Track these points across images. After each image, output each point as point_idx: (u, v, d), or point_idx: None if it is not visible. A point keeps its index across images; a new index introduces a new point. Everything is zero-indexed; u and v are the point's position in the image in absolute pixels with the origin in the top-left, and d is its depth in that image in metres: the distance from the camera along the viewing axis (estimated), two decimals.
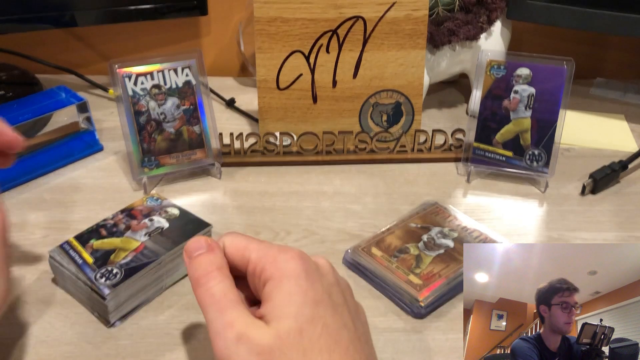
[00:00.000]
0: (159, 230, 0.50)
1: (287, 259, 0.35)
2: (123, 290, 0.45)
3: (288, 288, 0.34)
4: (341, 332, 0.34)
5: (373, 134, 0.68)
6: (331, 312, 0.34)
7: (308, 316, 0.33)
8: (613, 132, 0.77)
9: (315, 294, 0.34)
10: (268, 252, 0.36)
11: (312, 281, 0.35)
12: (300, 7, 0.64)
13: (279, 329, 0.33)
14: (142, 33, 0.90)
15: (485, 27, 0.72)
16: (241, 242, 0.37)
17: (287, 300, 0.34)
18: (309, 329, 0.33)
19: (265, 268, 0.35)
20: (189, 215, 0.52)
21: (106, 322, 0.46)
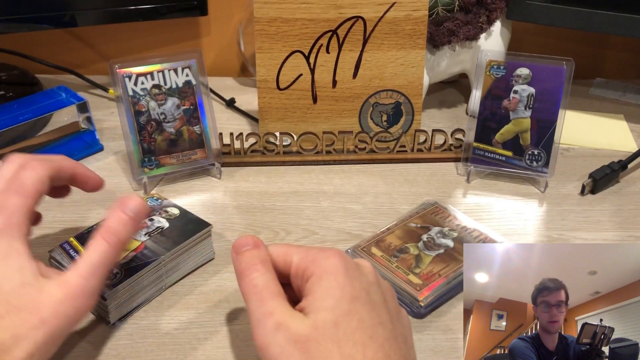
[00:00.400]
0: (159, 230, 0.50)
1: (327, 256, 0.37)
2: (123, 290, 0.45)
3: (327, 283, 0.36)
4: (377, 329, 0.35)
5: (373, 134, 0.68)
6: (368, 309, 0.35)
7: (344, 310, 0.34)
8: (613, 132, 0.77)
9: (353, 289, 0.36)
10: (308, 253, 0.38)
11: (350, 278, 0.36)
12: (300, 7, 0.64)
13: (316, 320, 0.34)
14: (142, 33, 0.90)
15: (485, 27, 0.73)
16: (282, 248, 0.40)
17: (326, 294, 0.35)
18: (344, 322, 0.34)
19: (307, 267, 0.37)
20: (189, 215, 0.52)
21: (106, 322, 0.46)
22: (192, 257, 0.51)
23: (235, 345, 0.45)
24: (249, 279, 0.37)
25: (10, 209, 0.39)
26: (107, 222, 0.41)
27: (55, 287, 0.38)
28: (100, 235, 0.40)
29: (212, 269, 0.52)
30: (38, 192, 0.42)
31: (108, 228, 0.40)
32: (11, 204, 0.40)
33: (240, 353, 0.45)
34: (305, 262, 0.38)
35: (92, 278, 0.39)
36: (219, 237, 0.56)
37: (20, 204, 0.40)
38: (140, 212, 0.42)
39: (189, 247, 0.50)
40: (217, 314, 0.48)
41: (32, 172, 0.42)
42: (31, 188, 0.41)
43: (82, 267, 0.39)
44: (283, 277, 0.39)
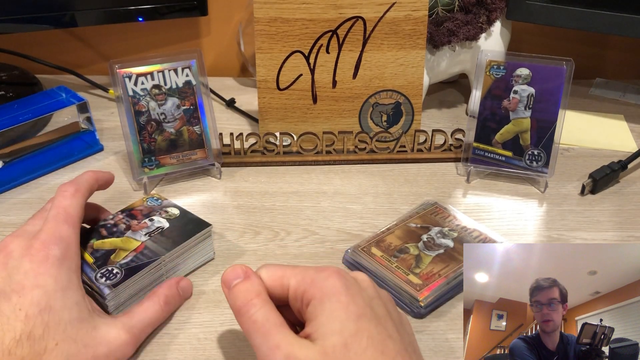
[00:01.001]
0: (159, 230, 0.50)
1: (325, 277, 0.36)
2: (123, 290, 0.45)
3: (330, 305, 0.35)
4: (387, 343, 0.34)
5: (373, 134, 0.68)
6: (375, 324, 0.35)
7: (352, 330, 0.34)
8: (612, 132, 0.77)
9: (357, 307, 0.35)
10: (306, 275, 0.37)
11: (352, 295, 0.35)
12: (300, 7, 0.64)
13: (324, 345, 0.33)
14: (142, 33, 0.90)
15: (485, 27, 0.73)
16: (277, 271, 0.38)
17: (330, 317, 0.34)
18: (354, 343, 0.33)
19: (306, 290, 0.36)
20: (189, 215, 0.52)
21: None
22: (192, 257, 0.51)
23: (235, 345, 0.45)
24: (248, 316, 0.36)
25: (66, 240, 0.42)
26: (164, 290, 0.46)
27: (110, 327, 0.41)
28: (157, 298, 0.45)
29: (212, 269, 0.52)
30: (80, 220, 0.45)
31: (165, 296, 0.46)
32: (66, 235, 0.42)
33: (240, 353, 0.45)
34: (303, 286, 0.37)
35: (142, 335, 0.44)
36: (219, 237, 0.56)
37: (74, 235, 0.43)
38: (187, 293, 0.49)
39: (189, 247, 0.50)
40: (217, 314, 0.48)
41: (73, 200, 0.45)
42: (77, 218, 0.44)
43: (139, 320, 0.43)
44: (281, 301, 0.38)
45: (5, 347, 0.37)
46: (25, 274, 0.40)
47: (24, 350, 0.37)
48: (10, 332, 0.37)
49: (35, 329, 0.38)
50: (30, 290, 0.39)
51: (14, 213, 0.59)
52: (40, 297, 0.39)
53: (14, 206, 0.60)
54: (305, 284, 0.36)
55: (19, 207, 0.60)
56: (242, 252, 0.55)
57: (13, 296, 0.39)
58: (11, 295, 0.39)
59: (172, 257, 0.49)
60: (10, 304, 0.38)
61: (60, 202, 0.44)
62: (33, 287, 0.39)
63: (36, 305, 0.39)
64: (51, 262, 0.40)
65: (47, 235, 0.42)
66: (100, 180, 0.49)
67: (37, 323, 0.38)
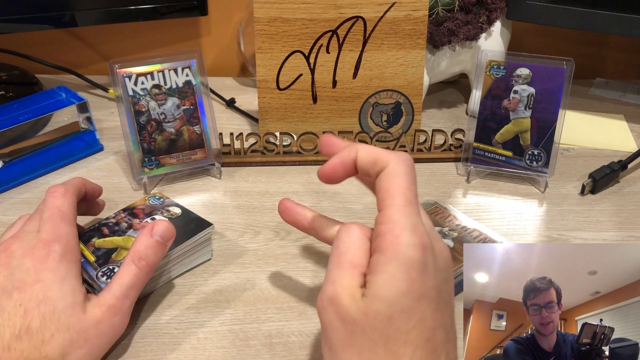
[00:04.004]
0: None
1: (410, 244, 0.33)
2: None
3: (395, 272, 0.33)
4: (436, 332, 0.33)
5: (373, 134, 0.68)
6: (433, 309, 0.33)
7: (405, 306, 0.32)
8: (613, 132, 0.77)
9: (422, 287, 0.33)
10: (400, 222, 0.34)
11: (424, 274, 0.33)
12: (300, 7, 0.64)
13: (369, 307, 0.32)
14: (142, 33, 0.91)
15: (485, 27, 0.73)
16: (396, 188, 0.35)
17: (389, 283, 0.32)
18: (400, 319, 0.32)
19: (385, 236, 0.34)
20: (190, 214, 0.52)
21: None
22: (192, 257, 0.51)
23: (235, 345, 0.45)
24: (337, 240, 0.36)
25: (65, 237, 0.43)
26: (136, 247, 0.44)
27: (94, 307, 0.41)
28: (130, 259, 0.44)
29: (212, 269, 0.52)
30: (75, 216, 0.46)
31: (137, 252, 0.44)
32: (64, 232, 0.43)
33: (240, 353, 0.45)
34: (387, 229, 0.34)
35: (125, 299, 0.43)
36: (219, 237, 0.56)
37: (72, 232, 0.44)
38: (167, 235, 0.45)
39: (190, 246, 0.50)
40: (217, 314, 0.48)
41: (65, 200, 0.45)
42: (72, 215, 0.45)
43: (115, 289, 0.42)
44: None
45: (6, 343, 0.38)
46: (27, 272, 0.41)
47: (22, 345, 0.38)
48: (10, 327, 0.38)
49: (32, 322, 0.39)
50: (30, 286, 0.40)
51: (14, 213, 0.59)
52: (39, 290, 0.40)
53: (13, 206, 0.60)
54: (390, 230, 0.34)
55: (18, 207, 0.60)
56: (242, 252, 0.55)
57: (14, 293, 0.40)
58: (12, 292, 0.40)
59: (172, 256, 0.49)
60: (12, 301, 0.39)
61: (53, 203, 0.45)
62: (34, 282, 0.40)
63: (35, 299, 0.39)
64: (52, 257, 0.41)
65: (47, 235, 0.43)
66: (87, 186, 0.50)
67: (34, 316, 0.39)
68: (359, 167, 0.38)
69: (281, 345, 0.45)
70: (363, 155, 0.38)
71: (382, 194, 0.36)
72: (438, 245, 0.36)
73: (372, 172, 0.37)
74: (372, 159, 0.37)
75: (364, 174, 0.38)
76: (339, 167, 0.38)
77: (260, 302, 0.49)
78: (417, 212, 0.35)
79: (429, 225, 0.37)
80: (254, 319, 0.47)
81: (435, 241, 0.36)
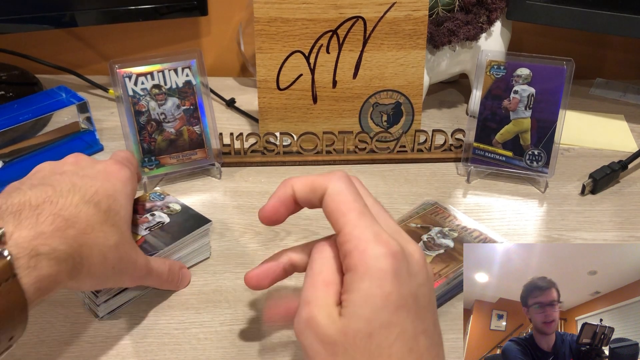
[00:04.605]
0: (160, 225, 0.50)
1: (378, 255, 0.32)
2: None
3: (369, 288, 0.32)
4: (418, 339, 0.32)
5: (373, 134, 0.68)
6: (412, 318, 0.32)
7: (384, 321, 0.32)
8: (613, 132, 0.77)
9: (398, 297, 0.32)
10: (362, 236, 0.33)
11: (398, 284, 0.32)
12: (300, 7, 0.64)
13: (347, 326, 0.32)
14: (142, 33, 0.90)
15: (485, 27, 0.72)
16: (342, 205, 0.35)
17: (364, 301, 0.32)
18: (380, 335, 0.31)
19: (352, 254, 0.33)
20: (190, 211, 0.52)
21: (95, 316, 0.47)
22: (191, 254, 0.51)
23: (235, 345, 0.45)
24: (311, 260, 0.36)
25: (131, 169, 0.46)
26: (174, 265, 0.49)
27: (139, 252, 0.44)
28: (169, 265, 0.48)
29: (212, 269, 0.52)
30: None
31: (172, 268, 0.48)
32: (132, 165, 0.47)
33: (240, 353, 0.45)
34: (352, 246, 0.33)
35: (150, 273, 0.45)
36: (219, 237, 0.56)
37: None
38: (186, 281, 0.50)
39: (187, 242, 0.50)
40: (217, 314, 0.48)
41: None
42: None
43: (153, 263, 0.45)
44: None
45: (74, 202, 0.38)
46: (99, 172, 0.42)
47: (89, 210, 0.39)
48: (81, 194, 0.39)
49: (101, 203, 0.40)
50: (102, 180, 0.41)
51: None
52: (108, 188, 0.41)
53: None
54: (356, 247, 0.33)
55: None
56: (242, 252, 0.55)
57: (85, 178, 0.41)
58: (84, 177, 0.41)
59: (170, 251, 0.49)
60: (83, 181, 0.40)
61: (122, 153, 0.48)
62: (105, 180, 0.42)
63: (105, 190, 0.41)
64: (123, 173, 0.44)
65: (119, 158, 0.46)
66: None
67: (102, 200, 0.40)
68: (299, 199, 0.38)
69: (281, 346, 0.45)
70: (299, 187, 0.38)
71: (333, 215, 0.35)
72: (408, 248, 0.35)
73: (314, 200, 0.37)
74: (309, 188, 0.37)
75: (308, 204, 0.38)
76: (279, 207, 0.38)
77: (260, 302, 0.49)
78: (374, 220, 0.35)
79: (393, 228, 0.36)
80: (254, 319, 0.47)
81: (405, 243, 0.35)
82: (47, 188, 0.38)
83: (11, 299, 0.33)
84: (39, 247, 0.34)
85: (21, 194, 0.37)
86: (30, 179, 0.41)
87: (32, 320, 0.46)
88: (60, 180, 0.39)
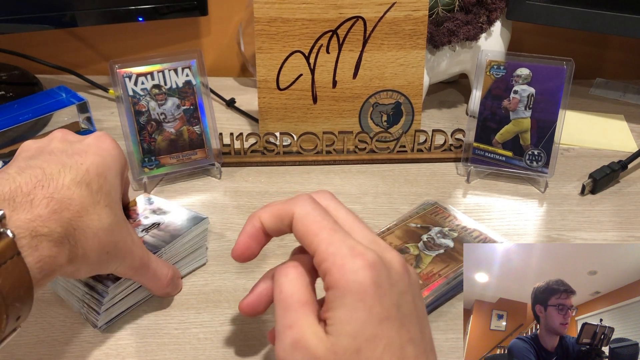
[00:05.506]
0: (156, 226, 0.50)
1: (356, 269, 0.32)
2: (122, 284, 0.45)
3: (351, 303, 0.32)
4: (406, 348, 0.32)
5: (373, 134, 0.68)
6: (397, 327, 0.32)
7: (369, 335, 0.32)
8: (613, 132, 0.77)
9: (381, 309, 0.32)
10: (338, 252, 0.33)
11: (380, 295, 0.32)
12: (300, 7, 0.64)
13: (336, 344, 0.32)
14: (142, 33, 0.90)
15: (485, 27, 0.73)
16: (312, 226, 0.35)
17: (349, 317, 0.32)
18: (368, 349, 0.31)
19: (331, 271, 0.33)
20: (183, 210, 0.52)
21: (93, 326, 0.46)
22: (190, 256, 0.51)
23: (235, 345, 0.45)
24: (277, 284, 0.35)
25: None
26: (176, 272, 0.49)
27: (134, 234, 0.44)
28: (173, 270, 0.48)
29: (212, 269, 0.52)
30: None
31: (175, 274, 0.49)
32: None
33: (240, 353, 0.45)
34: (329, 263, 0.33)
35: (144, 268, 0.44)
36: (219, 237, 0.56)
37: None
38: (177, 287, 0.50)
39: (187, 240, 0.50)
40: (217, 314, 0.48)
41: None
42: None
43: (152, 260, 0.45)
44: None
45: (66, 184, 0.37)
46: (88, 145, 0.42)
47: (82, 191, 0.38)
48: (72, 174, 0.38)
49: (92, 184, 0.39)
50: (92, 155, 0.40)
51: None
52: (99, 163, 0.40)
53: None
54: (333, 264, 0.33)
55: None
56: None
57: (75, 156, 0.40)
58: (73, 155, 0.40)
59: (171, 249, 0.48)
60: (72, 159, 0.39)
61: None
62: (95, 154, 0.41)
63: (95, 168, 0.40)
64: (112, 141, 0.43)
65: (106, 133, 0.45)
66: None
67: (93, 180, 0.39)
68: (269, 230, 0.38)
69: None
70: (266, 218, 0.38)
71: (306, 238, 0.35)
72: (387, 256, 0.34)
73: (283, 227, 0.37)
74: (276, 217, 0.37)
75: (278, 233, 0.38)
76: (249, 242, 0.39)
77: None
78: (346, 234, 0.35)
79: (369, 237, 0.36)
80: (254, 319, 0.47)
81: (382, 251, 0.35)
82: (36, 171, 0.37)
83: (17, 277, 0.32)
84: (38, 229, 0.34)
85: (10, 180, 0.36)
86: (17, 160, 0.40)
87: (32, 320, 0.46)
88: (50, 161, 0.38)
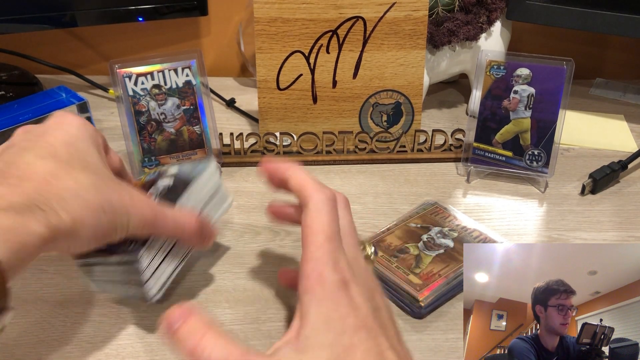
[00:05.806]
0: (166, 190, 0.48)
1: (333, 281, 0.33)
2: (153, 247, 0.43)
3: (327, 312, 0.32)
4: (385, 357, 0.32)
5: (373, 134, 0.68)
6: (374, 337, 0.32)
7: (346, 344, 0.31)
8: (613, 132, 0.77)
9: (356, 320, 0.32)
10: (320, 260, 0.34)
11: (354, 307, 0.33)
12: (300, 7, 0.64)
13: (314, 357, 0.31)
14: (142, 33, 0.90)
15: (485, 27, 0.73)
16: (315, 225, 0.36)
17: (325, 327, 0.32)
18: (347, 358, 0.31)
19: (309, 275, 0.34)
20: (188, 164, 0.51)
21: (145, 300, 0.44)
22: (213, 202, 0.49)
23: None
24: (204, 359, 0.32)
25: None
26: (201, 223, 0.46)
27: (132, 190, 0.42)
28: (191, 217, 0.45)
29: (212, 269, 0.52)
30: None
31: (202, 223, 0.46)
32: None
33: None
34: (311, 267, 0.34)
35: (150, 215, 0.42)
36: (219, 237, 0.56)
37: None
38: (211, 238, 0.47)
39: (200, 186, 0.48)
40: (217, 314, 0.48)
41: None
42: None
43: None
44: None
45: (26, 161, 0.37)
46: (48, 125, 0.41)
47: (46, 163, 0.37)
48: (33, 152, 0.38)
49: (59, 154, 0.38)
50: (54, 131, 0.40)
51: None
52: (63, 136, 0.40)
53: None
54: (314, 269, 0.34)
55: None
56: (242, 252, 0.55)
57: (36, 138, 0.39)
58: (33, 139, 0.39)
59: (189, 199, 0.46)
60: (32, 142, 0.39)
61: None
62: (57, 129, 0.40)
63: (61, 140, 0.39)
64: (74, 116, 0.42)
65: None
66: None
67: (60, 150, 0.39)
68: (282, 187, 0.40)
69: None
70: (292, 184, 0.40)
71: (305, 230, 0.36)
72: (361, 278, 0.35)
73: (297, 200, 0.38)
74: (297, 189, 0.39)
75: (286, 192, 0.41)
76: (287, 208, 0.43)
77: (260, 302, 0.49)
78: (337, 247, 0.36)
79: (353, 255, 0.37)
80: (254, 319, 0.47)
81: (359, 271, 0.36)
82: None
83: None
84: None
85: None
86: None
87: (32, 320, 0.47)
88: (9, 152, 0.38)
